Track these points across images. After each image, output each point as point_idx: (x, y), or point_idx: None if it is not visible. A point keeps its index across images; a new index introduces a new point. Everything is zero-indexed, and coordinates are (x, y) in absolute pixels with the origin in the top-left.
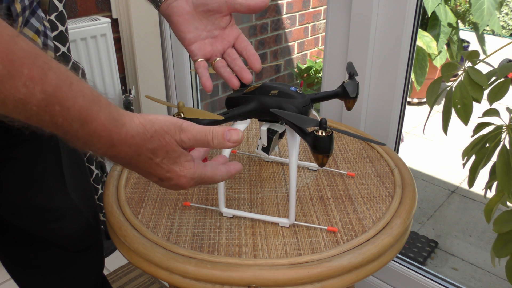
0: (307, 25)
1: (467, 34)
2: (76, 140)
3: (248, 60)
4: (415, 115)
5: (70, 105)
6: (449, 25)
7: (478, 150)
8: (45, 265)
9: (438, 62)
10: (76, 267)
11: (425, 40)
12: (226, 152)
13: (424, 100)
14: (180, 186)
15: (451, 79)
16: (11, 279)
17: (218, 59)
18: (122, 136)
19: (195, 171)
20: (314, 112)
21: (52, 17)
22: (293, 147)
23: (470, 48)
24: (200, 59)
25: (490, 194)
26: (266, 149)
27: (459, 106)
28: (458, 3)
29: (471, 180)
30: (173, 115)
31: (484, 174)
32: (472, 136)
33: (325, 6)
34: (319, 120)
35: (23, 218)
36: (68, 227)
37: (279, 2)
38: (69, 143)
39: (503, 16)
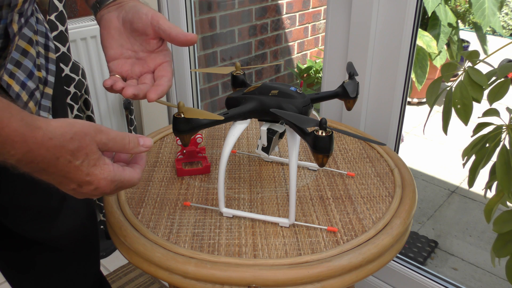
0: (307, 25)
1: (467, 34)
2: None
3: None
4: (415, 115)
5: None
6: (449, 25)
7: (478, 150)
8: (41, 268)
9: (438, 62)
10: (71, 269)
11: (425, 39)
12: (227, 150)
13: (424, 100)
14: (100, 189)
15: (451, 79)
16: (6, 282)
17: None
18: (38, 140)
19: (115, 174)
20: (314, 112)
21: (52, 17)
22: (293, 147)
23: (470, 48)
24: (113, 75)
25: (490, 194)
26: (266, 149)
27: (459, 106)
28: (458, 3)
29: (471, 180)
30: (174, 115)
31: (484, 174)
32: (472, 136)
33: (325, 6)
34: (319, 120)
35: (17, 220)
36: (61, 227)
37: (279, 2)
38: None
39: (503, 16)
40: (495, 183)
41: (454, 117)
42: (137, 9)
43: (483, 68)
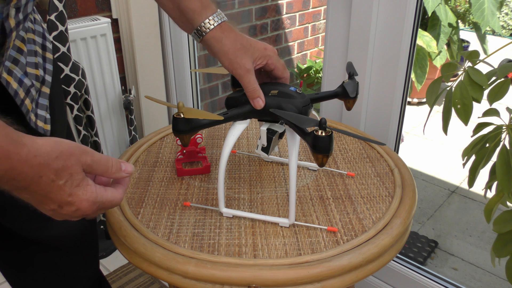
0: (307, 25)
1: (467, 34)
2: None
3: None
4: (415, 115)
5: None
6: (449, 25)
7: (478, 150)
8: (39, 267)
9: (438, 62)
10: (70, 268)
11: (425, 39)
12: (227, 150)
13: (424, 100)
14: (81, 211)
15: (451, 79)
16: (5, 282)
17: None
18: (23, 157)
19: (97, 195)
20: (314, 112)
21: (52, 17)
22: (293, 147)
23: (470, 48)
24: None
25: (490, 194)
26: (266, 149)
27: (459, 106)
28: (458, 3)
29: (471, 180)
30: (173, 116)
31: (484, 174)
32: (472, 136)
33: (325, 6)
34: (319, 120)
35: (15, 219)
36: (59, 227)
37: (279, 2)
38: None
39: (503, 16)
40: (495, 183)
41: (454, 117)
42: (218, 60)
43: (483, 68)
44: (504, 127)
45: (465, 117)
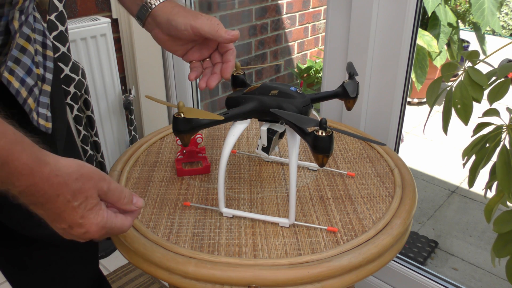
0: (307, 25)
1: (467, 34)
2: None
3: (222, 66)
4: (415, 115)
5: None
6: (449, 25)
7: (478, 150)
8: (39, 264)
9: (438, 62)
10: (69, 266)
11: (425, 39)
12: (227, 150)
13: (424, 100)
14: (90, 234)
15: (451, 79)
16: (6, 282)
17: (207, 59)
18: (45, 175)
19: (107, 221)
20: (314, 112)
21: (52, 17)
22: (293, 147)
23: (470, 48)
24: (193, 61)
25: (490, 194)
26: (266, 149)
27: (459, 106)
28: (458, 3)
29: (471, 180)
30: (174, 115)
31: (484, 174)
32: (472, 136)
33: (325, 6)
34: (319, 120)
35: (14, 216)
36: None
37: (279, 2)
38: None
39: (503, 16)
40: (495, 183)
41: (454, 117)
42: (173, 24)
43: (483, 68)
44: (504, 127)
45: (465, 117)
